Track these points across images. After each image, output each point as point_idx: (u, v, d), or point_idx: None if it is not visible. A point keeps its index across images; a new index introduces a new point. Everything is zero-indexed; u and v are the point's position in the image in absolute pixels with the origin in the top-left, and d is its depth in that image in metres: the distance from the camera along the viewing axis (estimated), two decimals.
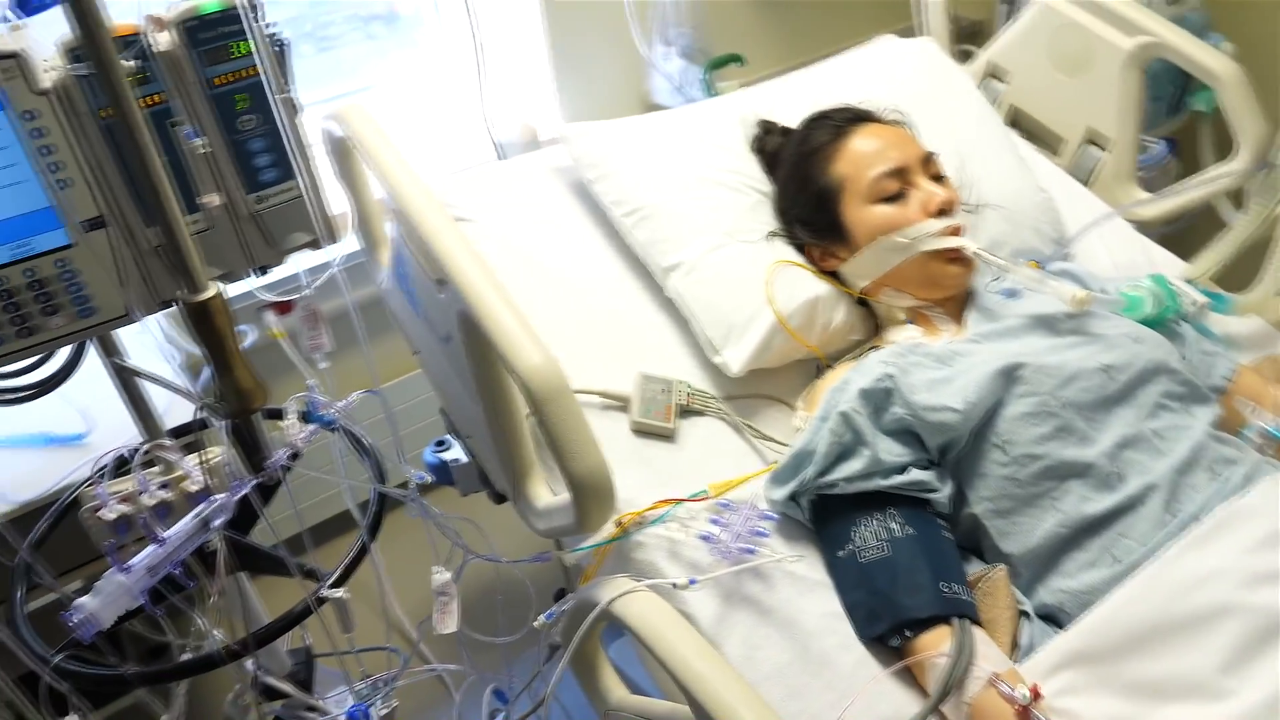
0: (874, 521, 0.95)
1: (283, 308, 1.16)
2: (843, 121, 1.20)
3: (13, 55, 0.74)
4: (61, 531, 1.19)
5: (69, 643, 1.03)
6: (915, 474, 0.96)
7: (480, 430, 1.06)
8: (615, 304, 1.22)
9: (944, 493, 0.97)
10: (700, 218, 1.22)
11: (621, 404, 1.10)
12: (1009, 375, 0.99)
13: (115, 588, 0.80)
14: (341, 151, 1.14)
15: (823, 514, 0.99)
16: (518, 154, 1.77)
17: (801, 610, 0.94)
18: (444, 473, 1.37)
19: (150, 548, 0.84)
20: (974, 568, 0.97)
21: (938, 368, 1.02)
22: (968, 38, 2.02)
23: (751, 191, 1.27)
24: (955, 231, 1.12)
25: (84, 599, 0.80)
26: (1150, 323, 1.10)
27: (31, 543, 1.12)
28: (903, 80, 1.45)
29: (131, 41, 0.78)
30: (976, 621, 0.89)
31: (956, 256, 1.13)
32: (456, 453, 1.39)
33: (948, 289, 1.15)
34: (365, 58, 1.94)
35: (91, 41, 0.66)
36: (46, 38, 0.80)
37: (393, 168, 0.98)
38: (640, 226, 1.23)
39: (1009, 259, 1.13)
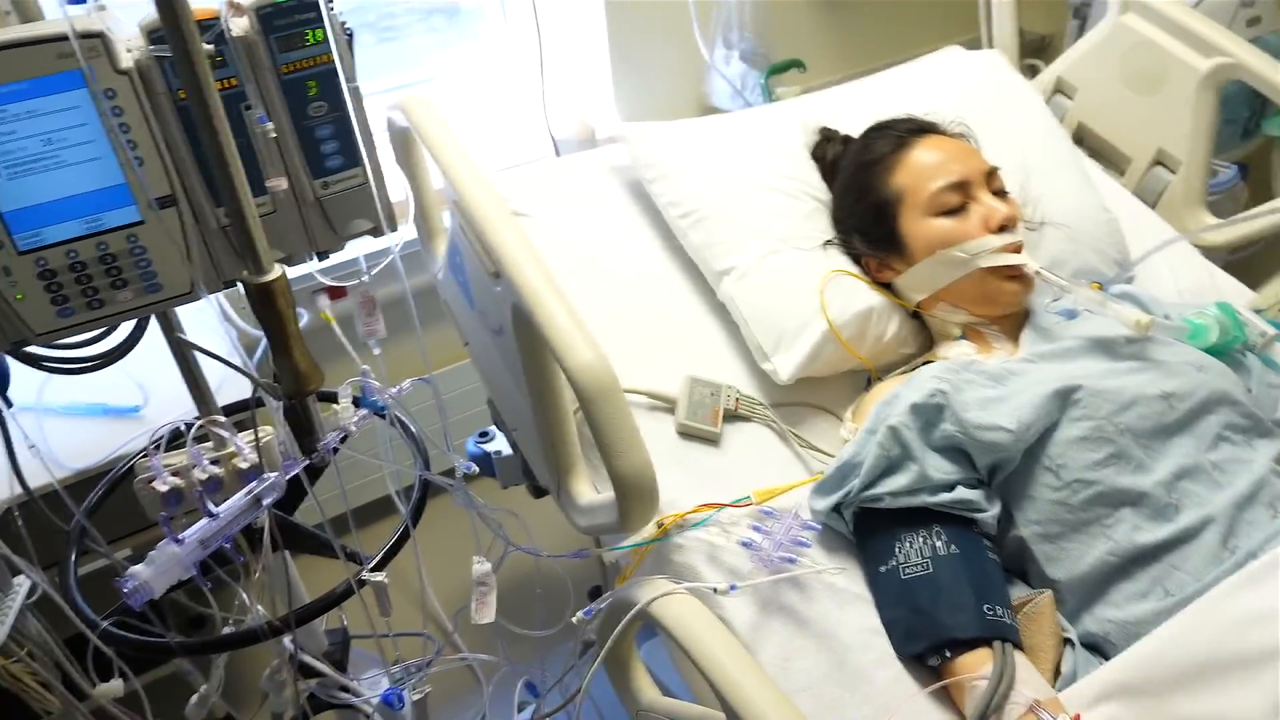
0: (918, 538, 0.93)
1: (335, 292, 1.17)
2: (905, 132, 1.19)
3: (97, 35, 0.76)
4: (110, 500, 1.23)
5: (118, 608, 1.06)
6: (963, 493, 0.95)
7: (527, 424, 1.06)
8: (666, 305, 1.22)
9: (991, 513, 0.96)
10: (756, 223, 1.22)
11: (668, 405, 1.10)
12: (1064, 398, 0.97)
13: (168, 558, 0.82)
14: (404, 141, 1.15)
15: (866, 527, 0.98)
16: (574, 151, 1.78)
17: (840, 623, 0.93)
18: (485, 464, 1.38)
19: (203, 521, 0.86)
20: (1019, 591, 0.96)
21: (991, 386, 1.01)
22: (1035, 52, 1.98)
23: (809, 199, 1.26)
24: (1016, 249, 1.11)
25: (138, 567, 0.82)
26: (1214, 351, 1.07)
27: (86, 509, 1.15)
28: (968, 93, 1.43)
29: (209, 25, 0.80)
30: (1019, 646, 0.88)
31: (1016, 274, 1.11)
32: (499, 444, 1.40)
33: (1005, 307, 1.14)
34: (426, 50, 1.96)
35: (174, 25, 0.67)
36: (128, 19, 0.82)
37: (454, 160, 1.00)
38: (696, 229, 1.23)
39: (1069, 279, 1.11)
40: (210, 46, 0.76)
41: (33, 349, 0.92)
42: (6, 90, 0.76)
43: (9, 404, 0.98)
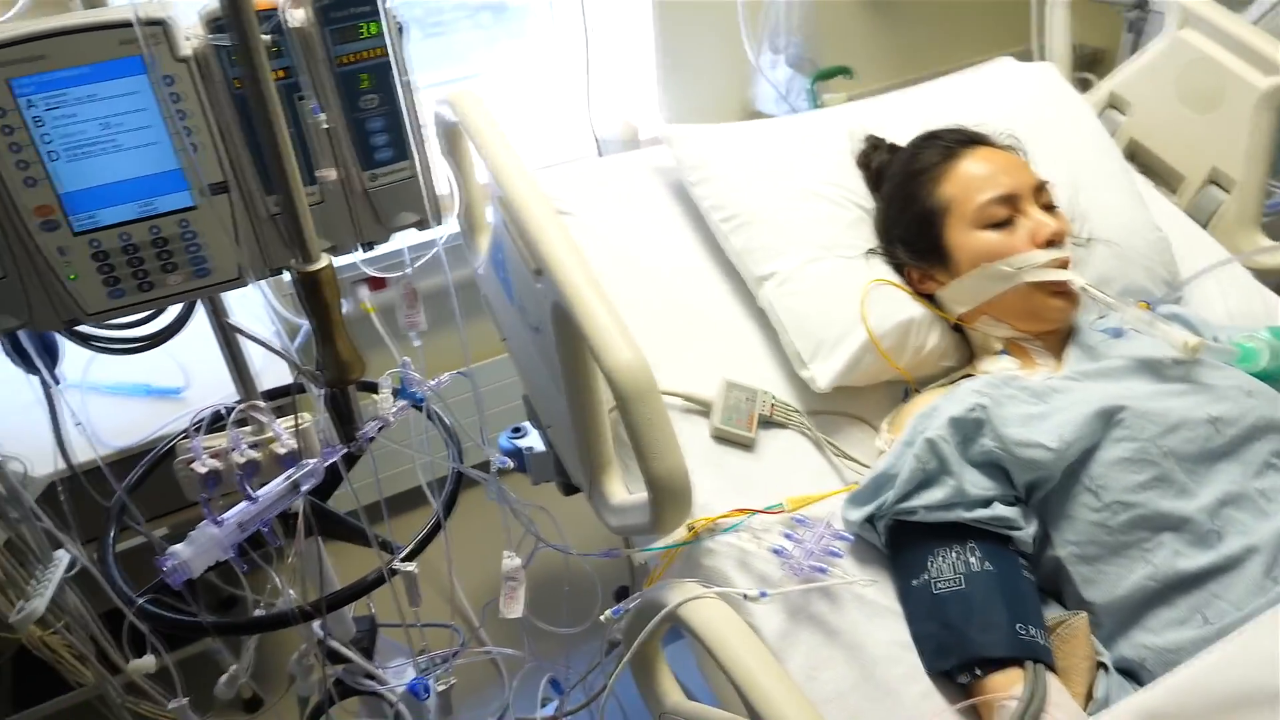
0: (952, 553, 0.92)
1: (376, 283, 1.19)
2: (954, 142, 1.18)
3: (159, 22, 0.77)
4: (147, 480, 1.25)
5: (154, 585, 1.08)
6: (999, 509, 0.93)
7: (562, 421, 1.07)
8: (705, 308, 1.22)
9: (1028, 532, 0.94)
10: (798, 229, 1.21)
11: (703, 409, 1.10)
12: (1108, 417, 0.96)
13: (207, 539, 0.83)
14: (451, 136, 1.16)
15: (899, 540, 0.97)
16: (616, 150, 1.78)
17: (869, 635, 0.92)
18: (517, 459, 1.39)
19: (242, 504, 0.87)
20: (1053, 612, 0.94)
21: (1033, 403, 0.99)
22: (1087, 65, 1.96)
23: (853, 206, 1.25)
24: (1063, 264, 1.09)
25: (178, 547, 0.83)
26: (1265, 377, 1.04)
27: (127, 486, 1.17)
28: (1019, 105, 1.41)
29: (268, 16, 0.81)
30: (1051, 668, 0.86)
31: (1062, 290, 1.09)
32: (532, 440, 1.41)
33: (1049, 323, 1.12)
34: (472, 46, 1.97)
35: (236, 15, 0.68)
36: (188, 7, 0.84)
37: (501, 156, 1.00)
38: (737, 233, 1.22)
39: (1117, 297, 1.09)
40: (268, 37, 0.77)
41: (83, 328, 0.94)
42: (69, 74, 0.78)
43: (57, 381, 1.00)
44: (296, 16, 0.82)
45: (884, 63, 2.05)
